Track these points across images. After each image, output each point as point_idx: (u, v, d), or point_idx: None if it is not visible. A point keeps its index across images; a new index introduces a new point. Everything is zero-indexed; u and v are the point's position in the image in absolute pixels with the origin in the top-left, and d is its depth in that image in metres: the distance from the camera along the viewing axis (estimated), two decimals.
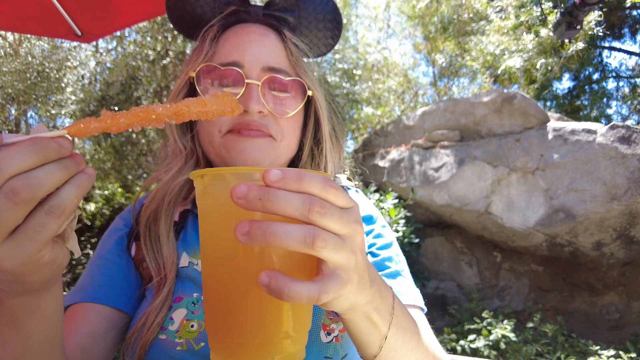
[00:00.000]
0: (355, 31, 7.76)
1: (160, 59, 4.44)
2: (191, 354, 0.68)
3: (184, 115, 0.49)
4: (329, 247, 0.41)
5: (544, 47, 5.39)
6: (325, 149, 0.90)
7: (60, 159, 0.42)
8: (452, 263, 4.86)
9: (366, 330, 0.53)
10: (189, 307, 0.73)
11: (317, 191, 0.42)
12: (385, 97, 7.34)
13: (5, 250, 0.40)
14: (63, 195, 0.42)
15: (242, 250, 0.44)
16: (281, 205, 0.40)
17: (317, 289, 0.41)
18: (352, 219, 0.45)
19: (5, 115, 4.42)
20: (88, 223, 6.14)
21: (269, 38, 0.84)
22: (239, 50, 0.81)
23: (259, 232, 0.40)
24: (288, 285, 0.40)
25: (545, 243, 4.01)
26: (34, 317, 0.51)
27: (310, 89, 0.86)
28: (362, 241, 0.47)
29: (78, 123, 0.45)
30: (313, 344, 0.71)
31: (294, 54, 0.85)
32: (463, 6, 6.51)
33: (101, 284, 0.78)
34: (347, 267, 0.44)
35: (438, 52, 7.13)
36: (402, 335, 0.57)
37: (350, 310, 0.49)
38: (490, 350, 3.59)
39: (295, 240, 0.40)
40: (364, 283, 0.48)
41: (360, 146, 5.75)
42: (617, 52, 9.77)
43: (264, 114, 0.81)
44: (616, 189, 3.50)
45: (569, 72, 9.10)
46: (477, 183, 4.16)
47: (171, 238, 0.81)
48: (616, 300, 4.20)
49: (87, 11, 1.65)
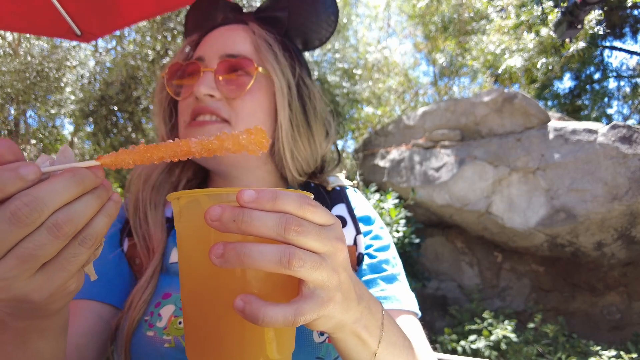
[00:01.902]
0: (356, 30, 7.74)
1: (159, 59, 4.42)
2: (179, 352, 0.68)
3: (215, 151, 0.47)
4: (306, 266, 0.40)
5: (545, 46, 5.38)
6: (281, 136, 0.85)
7: (95, 189, 0.42)
8: (453, 263, 4.85)
9: (355, 348, 0.52)
10: (177, 304, 0.73)
11: (293, 209, 0.42)
12: (385, 96, 7.32)
13: (37, 282, 0.40)
14: (95, 225, 0.42)
15: (219, 274, 0.43)
16: (256, 225, 0.39)
17: (293, 312, 0.40)
18: (333, 236, 0.44)
19: (5, 115, 4.41)
20: None
21: (234, 31, 0.87)
22: (204, 46, 0.86)
23: (233, 254, 0.39)
24: (263, 309, 0.39)
25: (546, 243, 4.00)
26: (42, 337, 0.50)
27: (262, 67, 0.84)
28: (344, 259, 0.46)
29: (113, 155, 0.45)
30: (305, 344, 0.70)
31: (258, 43, 0.86)
32: (464, 5, 6.49)
33: (94, 281, 0.79)
34: (327, 286, 0.43)
35: (438, 52, 7.12)
36: (392, 350, 0.56)
37: (337, 329, 0.49)
38: (491, 351, 3.59)
39: (270, 261, 0.39)
40: (349, 301, 0.47)
41: (361, 146, 5.74)
42: (618, 51, 9.76)
43: (216, 97, 0.81)
44: (617, 189, 3.50)
45: (570, 71, 9.09)
46: (478, 183, 4.15)
47: (159, 221, 0.82)
48: (617, 301, 4.20)
49: (86, 10, 1.64)
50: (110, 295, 0.77)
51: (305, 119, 0.90)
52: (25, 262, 0.38)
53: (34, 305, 0.42)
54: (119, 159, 0.45)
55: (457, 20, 6.64)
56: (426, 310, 4.66)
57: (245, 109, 0.83)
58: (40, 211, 0.37)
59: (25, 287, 0.40)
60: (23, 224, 0.37)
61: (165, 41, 4.50)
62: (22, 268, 0.38)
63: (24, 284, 0.40)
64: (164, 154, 0.46)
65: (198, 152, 0.46)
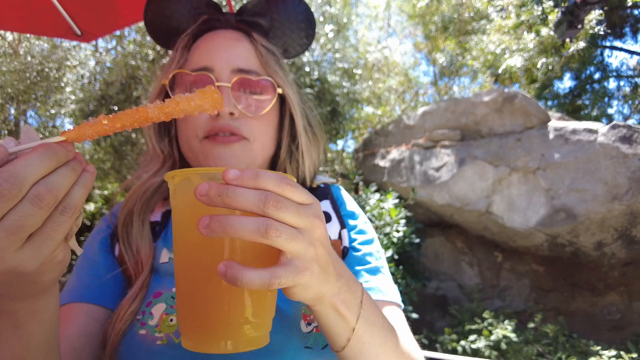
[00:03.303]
0: (356, 30, 7.73)
1: (160, 59, 4.42)
2: (171, 348, 0.69)
3: (172, 114, 0.50)
4: (283, 237, 0.44)
5: (545, 46, 5.38)
6: (301, 144, 0.92)
7: (68, 162, 0.45)
8: (453, 263, 4.85)
9: (334, 322, 0.56)
10: (168, 302, 0.74)
11: (273, 187, 0.46)
12: (385, 96, 7.32)
13: (27, 252, 0.43)
14: (73, 195, 0.45)
15: (206, 243, 0.48)
16: (238, 200, 0.44)
17: (269, 275, 0.44)
18: (310, 213, 0.49)
19: (5, 115, 4.41)
20: (88, 223, 6.14)
21: (238, 41, 0.87)
22: (209, 55, 0.84)
23: (217, 225, 0.43)
24: (242, 272, 0.43)
25: (546, 243, 4.00)
26: (35, 320, 0.52)
27: (281, 87, 0.88)
28: (322, 235, 0.51)
29: (76, 128, 0.48)
30: (293, 333, 0.72)
31: (264, 56, 0.87)
32: (464, 5, 6.49)
33: (88, 284, 0.80)
34: (304, 256, 0.47)
35: (439, 52, 7.12)
36: (371, 328, 0.59)
37: (316, 301, 0.53)
38: (491, 351, 3.59)
39: (249, 230, 0.43)
40: (328, 275, 0.51)
41: (361, 146, 5.74)
42: (618, 51, 9.76)
43: (235, 115, 0.83)
44: (617, 188, 3.50)
45: (570, 71, 9.09)
46: (478, 183, 4.15)
47: (146, 235, 0.83)
48: (617, 301, 4.20)
49: (86, 10, 1.64)
50: (104, 298, 0.79)
51: (309, 124, 0.95)
52: (13, 234, 0.40)
53: (26, 277, 0.45)
54: (82, 132, 0.48)
55: (457, 20, 6.64)
56: (426, 310, 4.66)
57: (261, 127, 0.87)
58: (20, 185, 0.40)
59: (16, 259, 0.42)
60: (5, 198, 0.39)
61: None
62: (10, 240, 0.40)
63: (14, 255, 0.42)
64: (123, 122, 0.49)
65: (156, 117, 0.49)
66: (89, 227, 6.05)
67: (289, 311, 0.74)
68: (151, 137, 0.91)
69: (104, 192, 6.21)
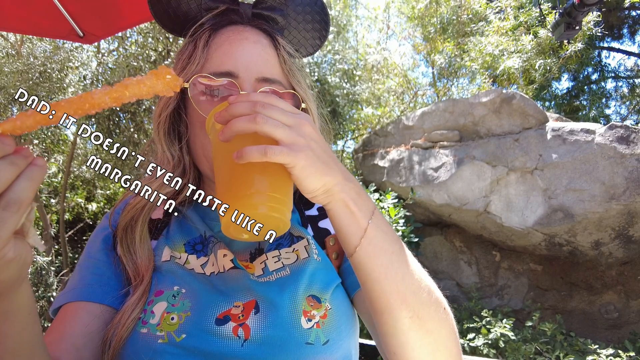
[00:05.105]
0: (355, 32, 7.78)
1: (162, 60, 4.46)
2: (172, 346, 0.69)
3: (121, 99, 0.49)
4: (269, 124, 0.55)
5: (543, 47, 5.41)
6: None
7: (6, 156, 0.43)
8: (451, 262, 4.88)
9: (347, 221, 0.61)
10: (169, 300, 0.74)
11: (261, 98, 0.59)
12: (385, 97, 7.36)
13: None
14: (17, 189, 0.43)
15: (228, 146, 0.62)
16: (236, 108, 0.58)
17: (264, 148, 0.54)
18: (297, 115, 0.59)
19: (8, 115, 4.44)
20: (90, 222, 6.17)
21: (262, 45, 0.83)
22: (233, 59, 0.80)
23: (227, 130, 0.58)
24: (244, 149, 0.55)
25: (544, 242, 4.03)
26: (6, 321, 0.51)
27: (305, 102, 0.86)
28: (312, 132, 0.59)
29: (11, 120, 0.46)
30: (294, 330, 0.72)
31: (287, 63, 0.84)
32: (462, 7, 6.53)
33: (91, 282, 0.79)
34: (295, 143, 0.56)
35: (437, 53, 7.15)
36: (383, 236, 0.62)
37: (327, 195, 0.60)
38: (489, 349, 3.61)
39: (243, 122, 0.56)
40: (329, 167, 0.58)
41: (360, 146, 5.77)
42: (615, 52, 9.79)
43: None
44: (615, 188, 3.52)
45: (568, 72, 9.12)
46: (476, 183, 4.18)
47: (146, 242, 0.82)
48: (615, 300, 4.22)
49: (89, 12, 1.66)
50: (107, 296, 0.78)
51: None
52: None
53: None
54: (18, 124, 0.45)
55: (455, 22, 6.68)
56: None
57: None
58: None
59: None
60: None
61: (167, 42, 4.54)
62: None
63: None
64: (66, 110, 0.47)
65: (103, 103, 0.48)
66: (91, 227, 6.08)
67: (290, 308, 0.74)
68: (161, 141, 0.86)
69: (107, 192, 6.24)
